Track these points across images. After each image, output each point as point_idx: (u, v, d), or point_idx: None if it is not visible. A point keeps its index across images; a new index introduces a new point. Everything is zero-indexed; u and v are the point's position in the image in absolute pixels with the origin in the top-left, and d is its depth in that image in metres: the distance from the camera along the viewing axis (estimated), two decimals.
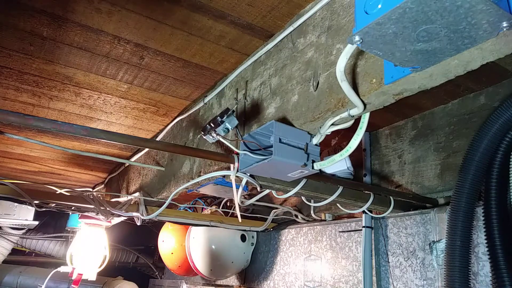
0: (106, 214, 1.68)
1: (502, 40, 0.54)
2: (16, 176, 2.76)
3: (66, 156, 2.32)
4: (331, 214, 1.90)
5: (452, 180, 1.38)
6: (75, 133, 0.82)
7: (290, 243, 2.11)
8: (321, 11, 0.93)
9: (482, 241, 1.14)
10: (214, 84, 1.40)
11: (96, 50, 1.21)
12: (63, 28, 1.10)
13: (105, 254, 2.29)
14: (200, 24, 1.07)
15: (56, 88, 1.46)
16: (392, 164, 1.64)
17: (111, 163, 2.45)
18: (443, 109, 1.49)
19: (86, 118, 1.73)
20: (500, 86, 1.31)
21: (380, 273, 1.53)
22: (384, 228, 1.56)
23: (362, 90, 0.75)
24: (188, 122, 1.58)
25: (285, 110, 0.98)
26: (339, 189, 1.25)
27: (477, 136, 1.12)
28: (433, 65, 0.61)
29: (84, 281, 2.21)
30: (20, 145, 2.12)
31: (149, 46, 1.18)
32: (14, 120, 0.77)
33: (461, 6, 0.45)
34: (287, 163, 0.86)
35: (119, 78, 1.38)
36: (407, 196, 1.43)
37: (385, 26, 0.50)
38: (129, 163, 2.02)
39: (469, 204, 1.12)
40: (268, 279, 2.22)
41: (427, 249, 1.37)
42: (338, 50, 0.84)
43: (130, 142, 0.92)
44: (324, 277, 1.80)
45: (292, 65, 0.99)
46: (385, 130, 1.71)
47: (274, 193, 1.27)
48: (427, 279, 1.35)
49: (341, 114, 0.81)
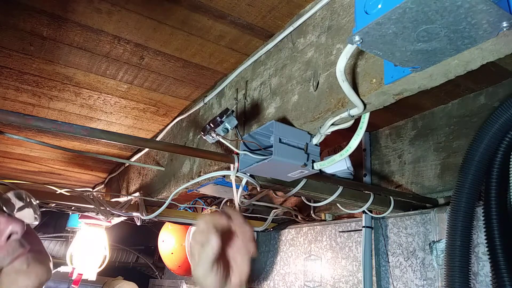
0: (106, 214, 1.68)
1: (502, 40, 0.54)
2: (16, 176, 2.76)
3: (66, 156, 2.32)
4: (331, 214, 1.90)
5: (452, 180, 1.38)
6: (75, 133, 0.82)
7: (290, 243, 2.11)
8: (321, 11, 0.93)
9: (482, 241, 1.14)
10: (214, 84, 1.40)
11: (96, 50, 1.21)
12: (63, 28, 1.10)
13: (105, 254, 2.29)
14: (200, 24, 1.07)
15: (56, 88, 1.46)
16: (392, 164, 1.64)
17: (111, 163, 2.46)
18: (443, 109, 1.49)
19: (86, 118, 1.73)
20: (500, 86, 1.31)
21: (380, 273, 1.53)
22: (384, 228, 1.56)
23: (362, 90, 0.75)
24: (188, 122, 1.58)
25: (285, 110, 0.98)
26: (339, 189, 1.25)
27: (477, 136, 1.12)
28: (433, 65, 0.61)
29: (84, 281, 2.21)
30: (20, 145, 2.12)
31: (149, 46, 1.18)
32: (14, 120, 0.77)
33: (461, 6, 0.45)
34: (287, 163, 0.86)
35: (119, 78, 1.38)
36: (407, 196, 1.43)
37: (385, 26, 0.50)
38: (129, 163, 2.02)
39: (469, 204, 1.12)
40: (268, 279, 2.22)
41: (427, 249, 1.37)
42: (338, 50, 0.84)
43: (130, 142, 0.92)
44: (324, 277, 1.80)
45: (292, 65, 0.99)
46: (385, 130, 1.71)
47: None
48: (427, 279, 1.35)
49: (341, 114, 0.81)
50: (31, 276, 0.62)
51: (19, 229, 0.61)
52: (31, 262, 0.63)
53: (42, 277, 0.63)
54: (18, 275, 0.61)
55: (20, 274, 0.61)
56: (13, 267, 0.61)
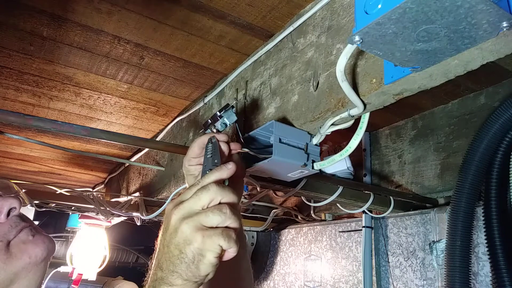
0: (106, 214, 1.68)
1: (502, 40, 0.54)
2: (16, 176, 2.76)
3: (66, 156, 2.32)
4: (331, 214, 1.90)
5: (452, 180, 1.38)
6: (75, 133, 0.82)
7: (290, 243, 2.11)
8: (321, 11, 0.93)
9: (482, 241, 1.14)
10: (214, 84, 1.40)
11: (96, 50, 1.21)
12: (63, 28, 1.10)
13: (105, 254, 2.29)
14: (200, 24, 1.07)
15: (56, 88, 1.46)
16: (392, 164, 1.64)
17: (111, 163, 2.46)
18: (443, 109, 1.49)
19: (86, 118, 1.73)
20: (500, 86, 1.31)
21: (380, 273, 1.53)
22: (384, 228, 1.56)
23: (362, 90, 0.75)
24: (188, 122, 1.58)
25: (285, 110, 0.98)
26: (339, 189, 1.25)
27: (477, 136, 1.12)
28: (433, 65, 0.61)
29: (84, 281, 2.21)
30: (20, 145, 2.12)
31: (149, 46, 1.18)
32: (14, 120, 0.77)
33: (461, 6, 0.45)
34: (287, 163, 0.86)
35: (119, 78, 1.38)
36: (407, 196, 1.43)
37: (385, 26, 0.50)
38: (129, 163, 2.02)
39: (469, 204, 1.12)
40: (268, 279, 2.22)
41: (427, 249, 1.37)
42: (338, 50, 0.84)
43: (130, 142, 0.92)
44: (324, 277, 1.80)
45: (292, 65, 0.99)
46: (385, 130, 1.71)
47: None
48: (427, 279, 1.35)
49: (341, 114, 0.81)
50: (39, 244, 0.66)
51: (16, 204, 0.65)
52: (36, 232, 0.67)
53: (50, 245, 0.67)
54: (26, 244, 0.64)
55: (28, 243, 0.65)
56: (20, 238, 0.64)
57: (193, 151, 0.78)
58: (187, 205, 0.55)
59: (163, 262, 0.54)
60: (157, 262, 0.56)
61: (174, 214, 0.55)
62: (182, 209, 0.55)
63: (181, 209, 0.55)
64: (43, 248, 0.65)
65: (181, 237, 0.53)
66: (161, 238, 0.58)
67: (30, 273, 0.64)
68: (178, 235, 0.54)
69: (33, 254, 0.64)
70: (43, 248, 0.65)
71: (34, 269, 0.64)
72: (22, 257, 0.63)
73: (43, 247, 0.65)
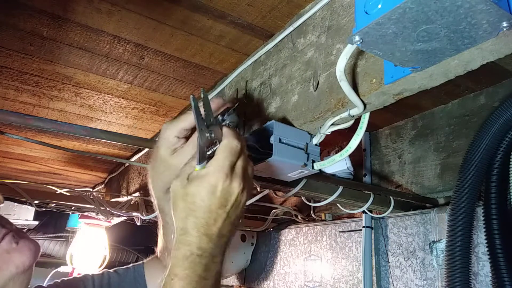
0: (106, 214, 1.68)
1: (502, 40, 0.54)
2: (16, 176, 2.76)
3: (66, 156, 2.32)
4: (331, 214, 1.90)
5: (452, 180, 1.38)
6: (75, 133, 0.82)
7: (290, 243, 2.11)
8: (321, 11, 0.93)
9: (482, 241, 1.14)
10: (214, 84, 1.40)
11: (96, 50, 1.21)
12: (63, 28, 1.10)
13: (105, 254, 2.29)
14: (200, 24, 1.07)
15: (56, 88, 1.46)
16: (392, 164, 1.64)
17: (111, 163, 2.46)
18: (443, 109, 1.49)
19: (86, 118, 1.73)
20: (500, 86, 1.31)
21: (380, 273, 1.53)
22: (384, 228, 1.56)
23: (362, 90, 0.75)
24: None
25: (285, 110, 0.98)
26: (339, 189, 1.25)
27: (477, 136, 1.12)
28: (433, 65, 0.61)
29: None
30: (20, 145, 2.12)
31: (149, 46, 1.18)
32: (14, 120, 0.77)
33: (461, 6, 0.45)
34: (287, 163, 0.86)
35: (119, 78, 1.38)
36: (407, 196, 1.43)
37: (385, 26, 0.50)
38: (129, 163, 2.02)
39: (469, 204, 1.12)
40: (268, 279, 2.22)
41: (427, 249, 1.37)
42: (338, 50, 0.84)
43: (130, 142, 0.92)
44: (324, 277, 1.80)
45: (292, 65, 0.99)
46: (385, 130, 1.71)
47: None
48: (427, 279, 1.35)
49: (341, 114, 0.81)
50: (24, 251, 0.61)
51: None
52: (19, 238, 0.62)
53: (36, 250, 0.62)
54: (11, 254, 0.59)
55: (12, 252, 0.60)
56: (2, 248, 0.59)
57: (170, 140, 0.75)
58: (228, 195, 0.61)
59: (223, 228, 0.59)
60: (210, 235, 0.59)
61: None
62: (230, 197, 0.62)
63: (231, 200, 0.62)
64: (29, 255, 0.61)
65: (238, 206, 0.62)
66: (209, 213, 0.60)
67: (18, 281, 0.60)
68: (239, 210, 0.61)
69: (20, 263, 0.59)
70: (29, 255, 0.61)
71: (21, 277, 0.60)
72: (8, 268, 0.58)
73: (29, 254, 0.61)
